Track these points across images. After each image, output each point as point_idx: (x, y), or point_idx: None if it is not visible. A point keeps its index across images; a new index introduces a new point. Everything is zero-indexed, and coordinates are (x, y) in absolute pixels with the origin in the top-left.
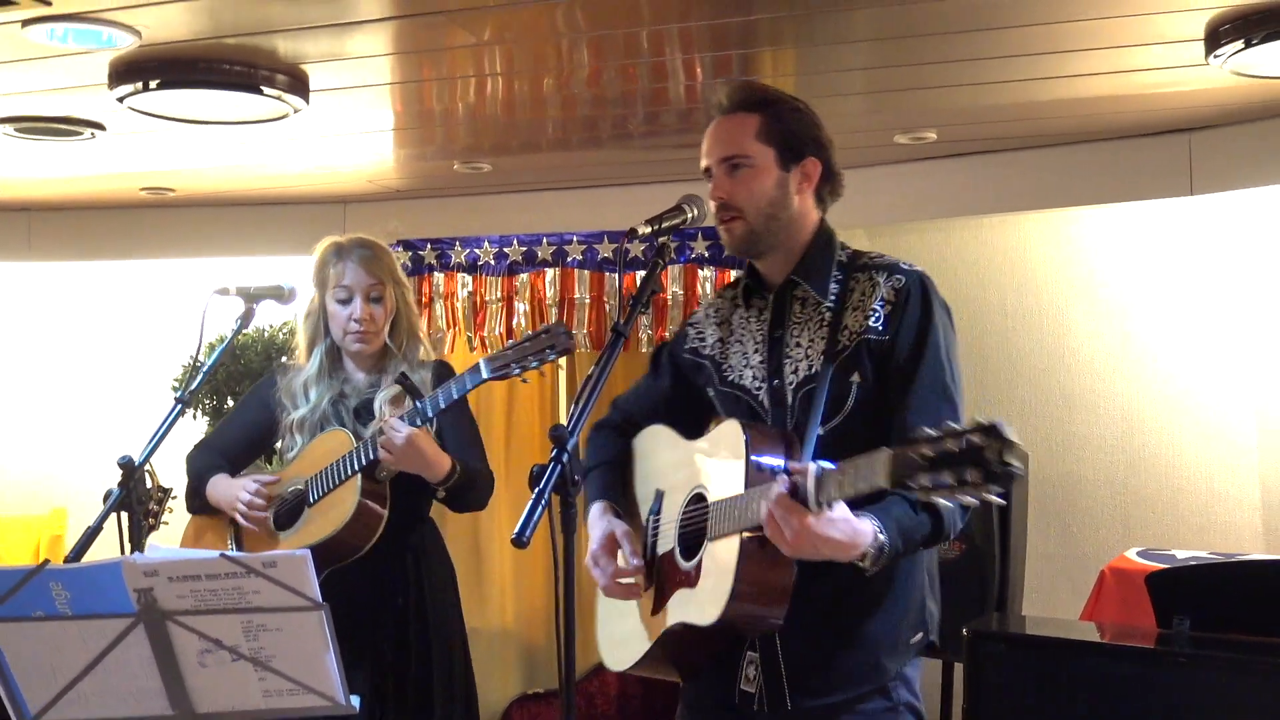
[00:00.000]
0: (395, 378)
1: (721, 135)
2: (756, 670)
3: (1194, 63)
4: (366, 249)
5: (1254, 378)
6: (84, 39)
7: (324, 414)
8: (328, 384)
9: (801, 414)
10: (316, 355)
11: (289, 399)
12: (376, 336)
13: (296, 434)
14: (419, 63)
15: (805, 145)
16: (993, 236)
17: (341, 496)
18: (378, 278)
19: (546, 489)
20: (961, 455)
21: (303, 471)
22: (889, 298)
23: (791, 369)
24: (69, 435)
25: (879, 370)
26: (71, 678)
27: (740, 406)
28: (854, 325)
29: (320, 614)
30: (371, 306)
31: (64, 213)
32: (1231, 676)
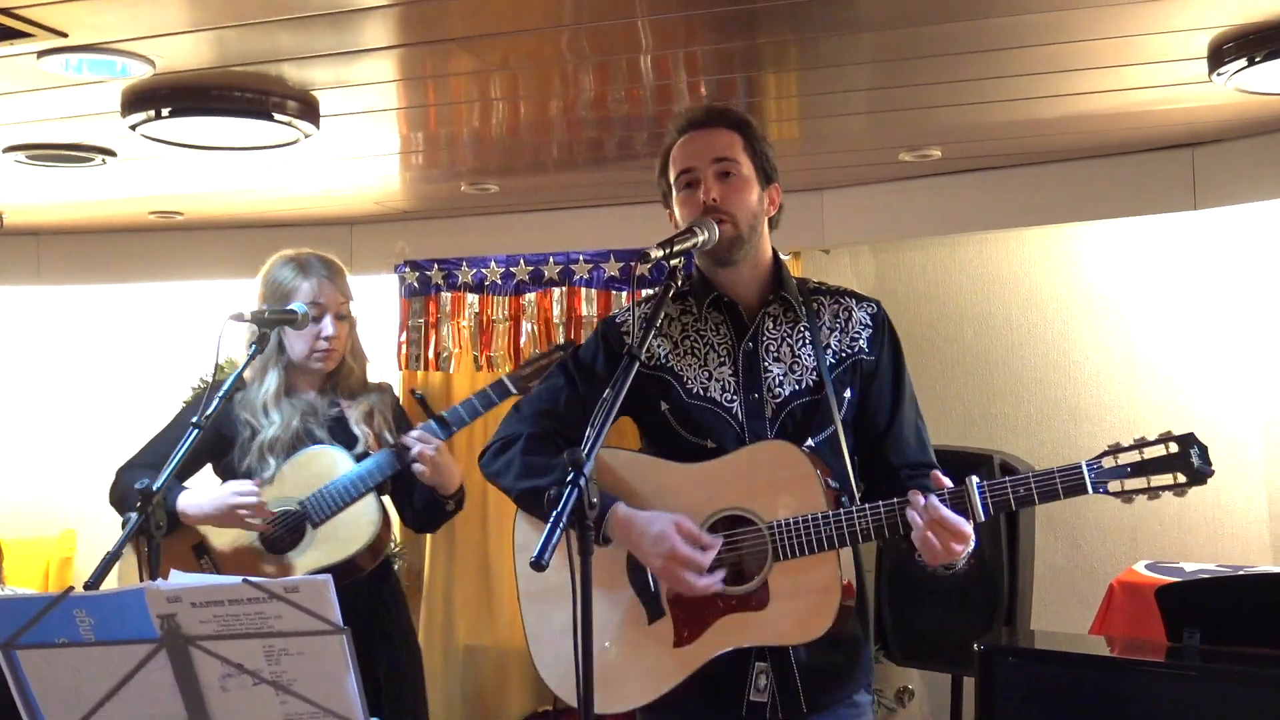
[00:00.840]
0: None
1: (708, 142)
2: (768, 679)
3: (1197, 80)
4: (329, 265)
5: (1260, 390)
6: (99, 69)
7: (297, 432)
8: (289, 403)
9: (792, 426)
10: (275, 373)
11: (250, 415)
12: (340, 355)
13: (269, 454)
14: (425, 88)
15: (771, 172)
16: (998, 252)
17: (358, 516)
18: (346, 295)
19: (564, 513)
20: (1163, 461)
21: (289, 492)
22: (868, 322)
23: (775, 383)
24: (78, 458)
25: (863, 389)
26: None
27: (712, 419)
28: (839, 345)
29: (342, 638)
30: (340, 324)
31: (73, 236)
32: (1242, 689)
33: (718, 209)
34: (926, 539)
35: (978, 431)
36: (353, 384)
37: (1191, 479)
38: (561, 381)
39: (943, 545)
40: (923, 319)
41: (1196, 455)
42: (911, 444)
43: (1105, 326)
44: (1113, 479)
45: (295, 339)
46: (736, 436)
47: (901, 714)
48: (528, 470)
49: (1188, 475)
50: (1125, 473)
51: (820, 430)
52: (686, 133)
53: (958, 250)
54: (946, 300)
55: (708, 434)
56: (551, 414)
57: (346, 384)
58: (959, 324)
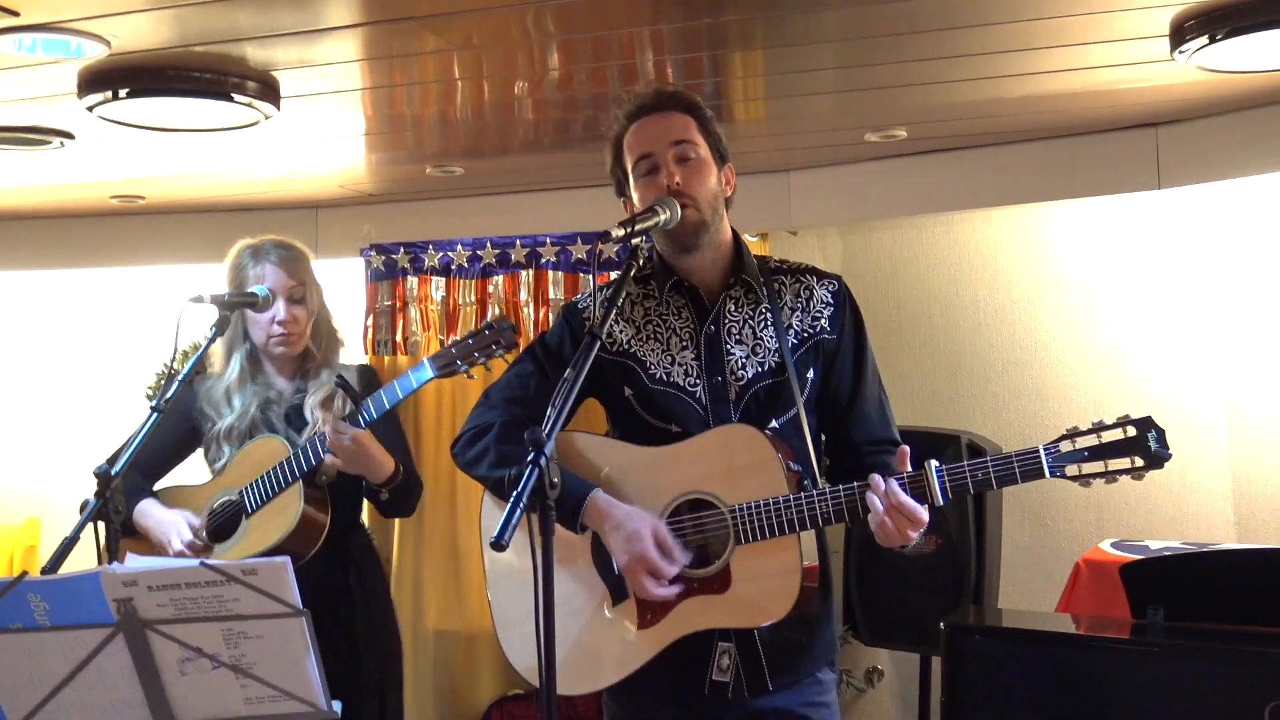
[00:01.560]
0: (334, 381)
1: (664, 125)
2: (731, 659)
3: (1159, 59)
4: (285, 249)
5: (1223, 369)
6: (53, 49)
7: (254, 421)
8: (251, 390)
9: (756, 409)
10: (236, 361)
11: (212, 408)
12: (300, 339)
13: (224, 443)
14: (389, 68)
15: (725, 151)
16: (964, 233)
17: (283, 505)
18: (299, 279)
19: (524, 493)
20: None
21: (234, 482)
22: (829, 300)
23: (738, 366)
24: (42, 445)
25: (825, 367)
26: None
27: (676, 404)
28: (801, 325)
29: (301, 620)
30: (294, 308)
31: (33, 222)
32: (1205, 665)
33: (681, 193)
34: (884, 523)
35: (944, 412)
36: (318, 368)
37: (1149, 463)
38: (530, 368)
39: (899, 529)
40: (890, 300)
41: (1154, 439)
42: (874, 420)
43: (1071, 307)
44: (1070, 463)
45: (254, 325)
46: (701, 420)
47: (870, 693)
48: (501, 459)
49: (1145, 459)
50: (1082, 456)
51: (783, 412)
52: (638, 118)
53: (925, 231)
54: (914, 281)
55: (672, 418)
56: (522, 400)
57: (313, 368)
58: (926, 305)
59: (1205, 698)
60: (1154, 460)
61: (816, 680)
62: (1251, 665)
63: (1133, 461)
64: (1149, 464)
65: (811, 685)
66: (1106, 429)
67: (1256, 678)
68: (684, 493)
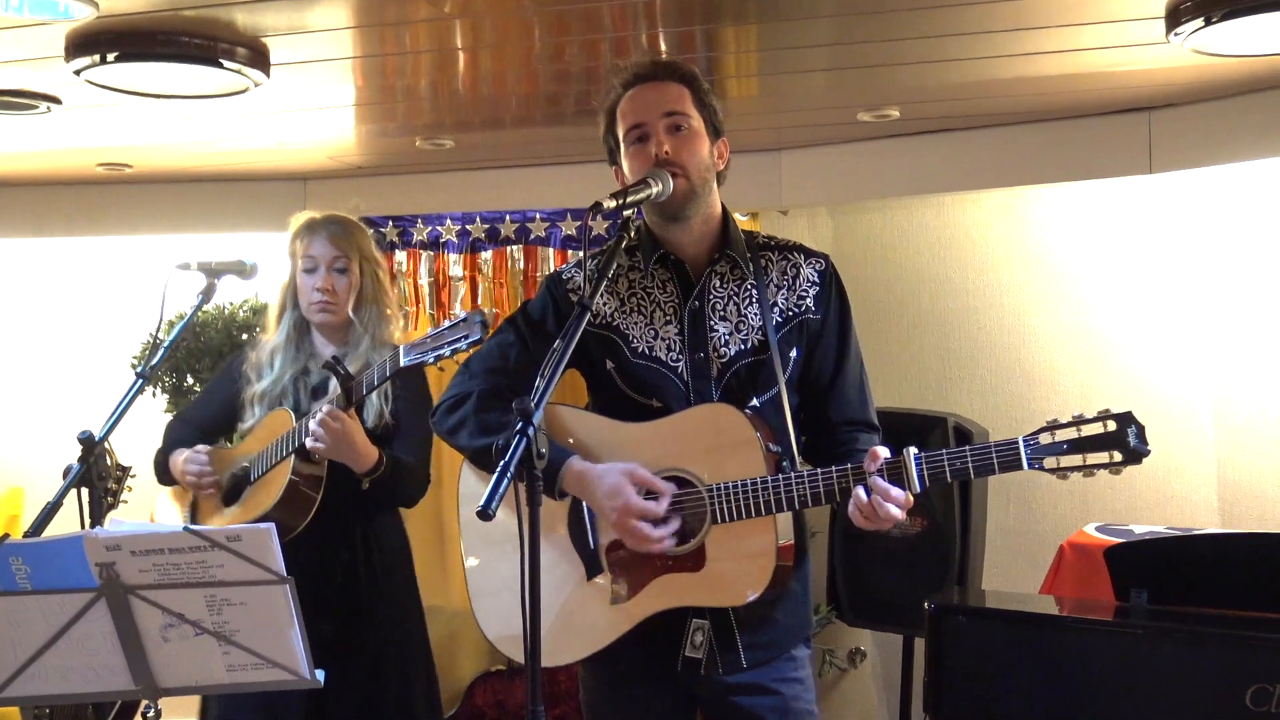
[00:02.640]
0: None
1: (658, 94)
2: (705, 636)
3: (1154, 41)
4: (337, 224)
5: (1210, 355)
6: (40, 9)
7: (284, 389)
8: (293, 356)
9: (737, 386)
10: (284, 326)
11: (253, 371)
12: (340, 309)
13: (256, 406)
14: (381, 36)
15: (720, 125)
16: (955, 214)
17: (275, 477)
18: (342, 250)
19: (512, 462)
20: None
21: (250, 449)
22: (815, 279)
23: (721, 342)
24: (26, 414)
25: (809, 346)
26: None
27: (658, 379)
28: (786, 304)
29: (285, 588)
30: (334, 277)
31: (18, 189)
32: (1188, 648)
33: (671, 162)
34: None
35: (933, 394)
36: (358, 342)
37: (1127, 458)
38: (511, 338)
39: (877, 513)
40: (880, 281)
41: (1134, 435)
42: (853, 401)
43: (1060, 290)
44: (1048, 455)
45: (301, 292)
46: (682, 396)
47: (853, 674)
48: (481, 428)
49: (1124, 454)
50: (1061, 449)
51: (765, 390)
52: (633, 87)
53: (915, 212)
54: (903, 262)
55: (653, 393)
56: (503, 370)
57: (355, 340)
58: (915, 286)
59: (1188, 680)
60: (1133, 456)
61: (790, 656)
62: (1233, 648)
63: (1111, 456)
64: (1127, 459)
65: (785, 661)
66: (1086, 422)
67: (1238, 661)
68: (663, 469)
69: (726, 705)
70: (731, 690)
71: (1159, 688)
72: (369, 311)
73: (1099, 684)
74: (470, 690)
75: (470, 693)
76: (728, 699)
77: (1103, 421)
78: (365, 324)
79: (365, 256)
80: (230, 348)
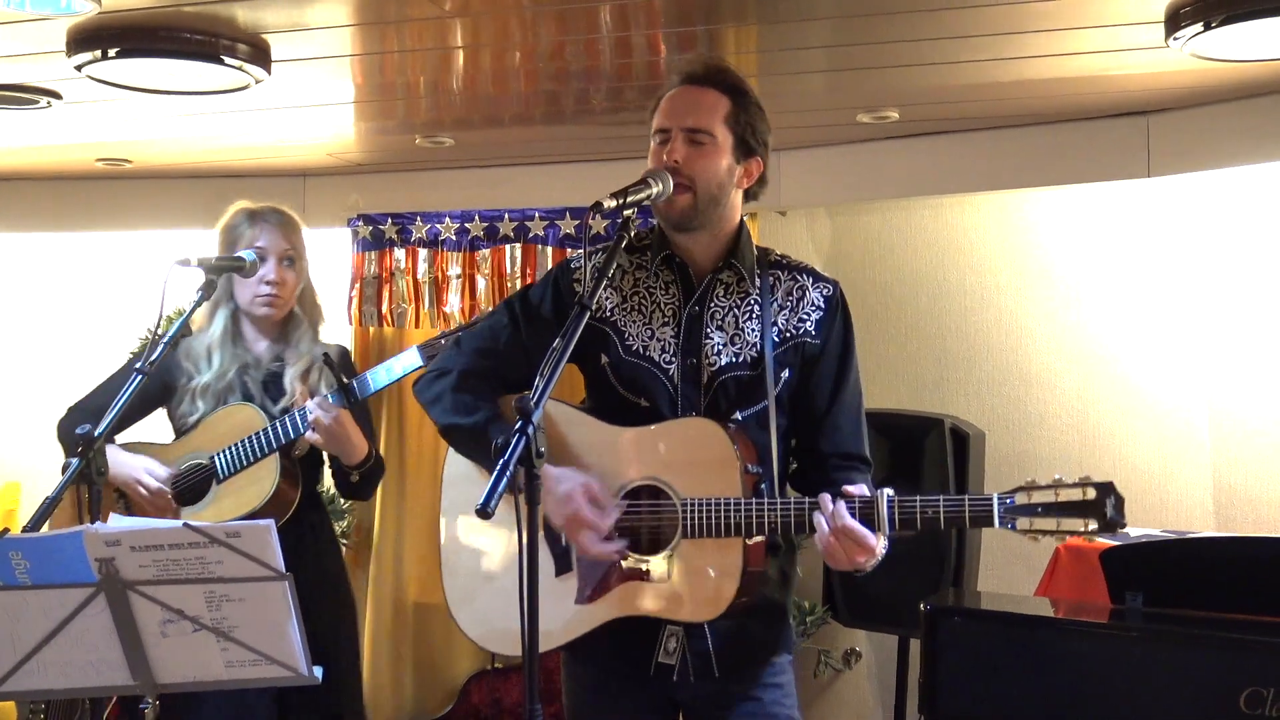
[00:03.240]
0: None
1: (692, 104)
2: (678, 643)
3: (1153, 45)
4: (281, 215)
5: (1206, 359)
6: (42, 4)
7: (230, 383)
8: (231, 351)
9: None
10: (220, 319)
11: (190, 362)
12: (286, 303)
13: (199, 399)
14: (381, 34)
15: (757, 145)
16: (953, 216)
17: (257, 475)
18: (292, 243)
19: (511, 460)
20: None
21: (203, 446)
22: (820, 304)
23: (713, 351)
24: (23, 409)
25: (805, 372)
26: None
27: (648, 378)
28: (786, 324)
29: (284, 584)
30: (284, 270)
31: (17, 183)
32: (1182, 651)
33: (679, 173)
34: (830, 544)
35: (930, 396)
36: (300, 338)
37: (1103, 528)
38: (505, 321)
39: (846, 554)
40: (877, 283)
41: (1112, 506)
42: (846, 434)
43: (1057, 293)
44: (1022, 516)
45: (241, 285)
46: (670, 399)
47: (847, 675)
48: (455, 407)
49: (1100, 524)
50: (1035, 512)
51: (750, 405)
52: (679, 86)
53: (913, 214)
54: (901, 264)
55: (642, 392)
56: (490, 352)
57: (295, 337)
58: (913, 288)
59: (1182, 682)
60: (1108, 527)
61: (768, 662)
62: (1228, 651)
63: (1086, 525)
64: (1102, 529)
65: (762, 666)
66: (1065, 487)
67: (1233, 663)
68: (643, 477)
69: (703, 711)
70: (708, 696)
71: (1153, 690)
72: (308, 308)
73: (1094, 686)
74: (466, 688)
75: (466, 691)
76: (704, 705)
77: (1082, 489)
78: (308, 317)
79: (305, 250)
80: None
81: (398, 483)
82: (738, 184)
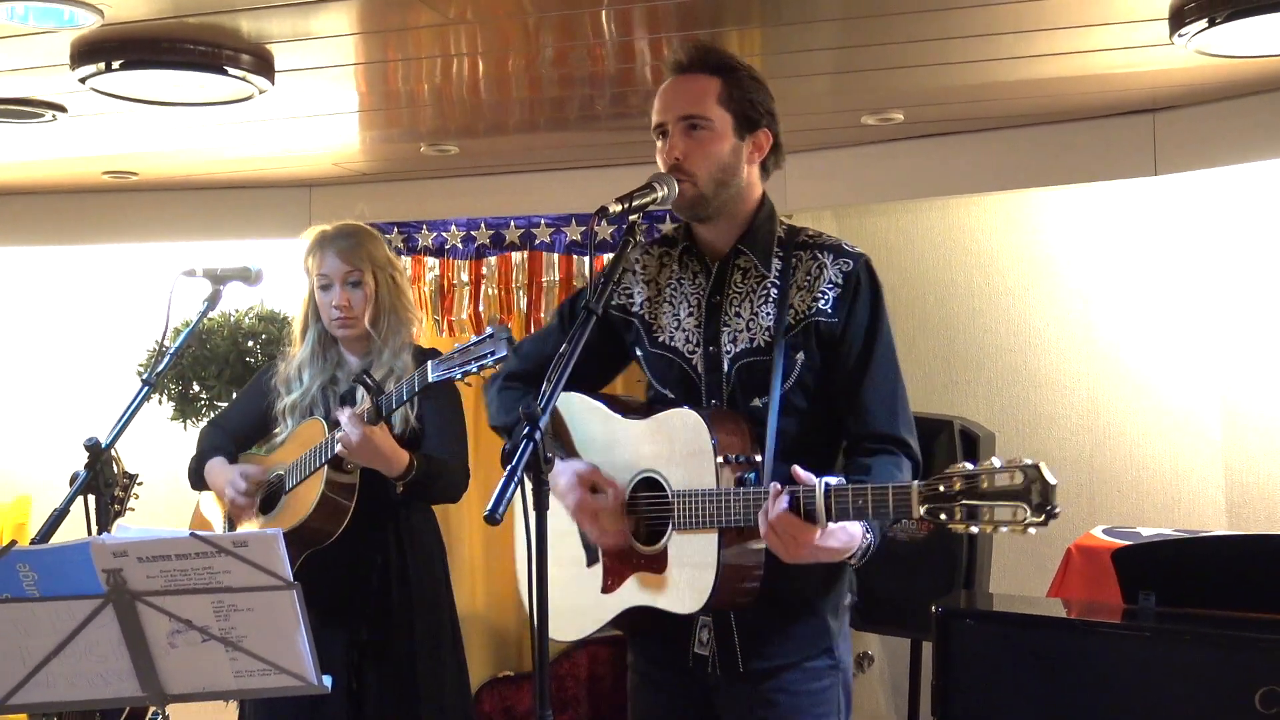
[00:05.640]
0: (356, 376)
1: (681, 93)
2: (710, 635)
3: (1158, 42)
4: (347, 237)
5: (1217, 357)
6: (45, 18)
7: (313, 399)
8: (320, 367)
9: (739, 385)
10: (309, 340)
11: (283, 384)
12: (357, 321)
13: (288, 418)
14: (384, 42)
15: (760, 116)
16: (959, 217)
17: (310, 486)
18: (353, 264)
19: (519, 467)
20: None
21: (284, 458)
22: (838, 280)
23: (730, 338)
24: (32, 422)
25: (826, 352)
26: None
27: (672, 370)
28: (801, 305)
29: (292, 593)
30: (349, 292)
31: (24, 197)
32: (1196, 650)
33: (679, 168)
34: (766, 535)
35: (939, 398)
36: (380, 350)
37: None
38: (555, 323)
39: (784, 545)
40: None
41: (1038, 491)
42: (877, 414)
43: (1066, 293)
44: (945, 503)
45: (322, 307)
46: (695, 388)
47: (861, 678)
48: (500, 408)
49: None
50: (957, 500)
51: (764, 392)
52: (669, 78)
53: (920, 216)
54: (908, 266)
55: (669, 383)
56: (539, 355)
57: (376, 349)
58: (921, 289)
59: (1196, 682)
60: (1039, 513)
61: (801, 668)
62: (1242, 650)
63: (1015, 513)
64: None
65: (795, 672)
66: (993, 473)
67: (1247, 663)
68: (643, 470)
69: (729, 706)
70: (734, 693)
71: (1167, 690)
72: (386, 320)
73: (1107, 687)
74: (478, 696)
75: (478, 698)
76: (730, 700)
77: (1010, 472)
78: (383, 334)
79: (378, 264)
80: (236, 354)
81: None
82: (748, 160)
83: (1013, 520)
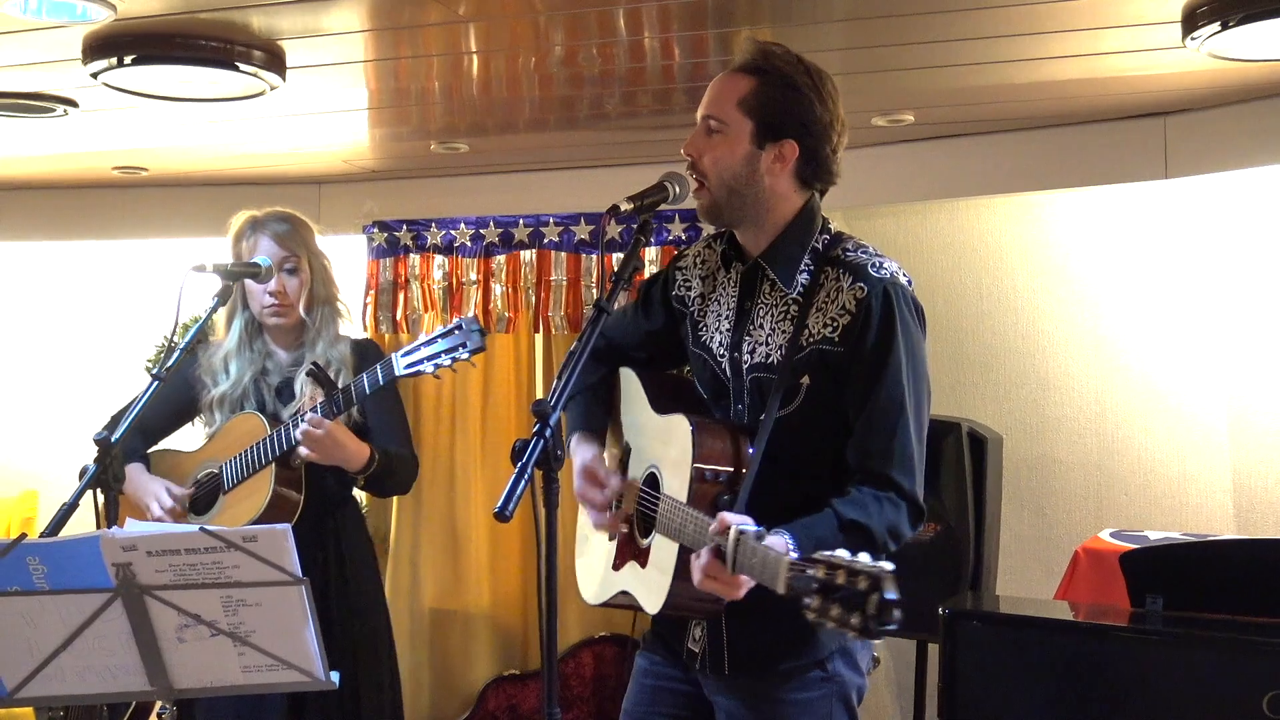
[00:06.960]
0: (307, 369)
1: (714, 91)
2: (703, 633)
3: (1170, 45)
4: (282, 222)
5: (1225, 361)
6: (57, 12)
7: (245, 391)
8: (249, 358)
9: (756, 395)
10: (235, 329)
11: (209, 375)
12: (292, 310)
13: (216, 411)
14: (395, 40)
15: (787, 125)
16: (969, 220)
17: (257, 485)
18: (290, 250)
19: (529, 464)
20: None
21: (217, 454)
22: (850, 308)
23: (750, 348)
24: (40, 417)
25: (835, 378)
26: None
27: (706, 370)
28: (815, 328)
29: (301, 589)
30: (284, 278)
31: (34, 192)
32: (1204, 654)
33: (695, 168)
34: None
35: (947, 400)
36: (314, 341)
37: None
38: (629, 306)
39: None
40: None
41: (875, 603)
42: (871, 450)
43: (1075, 295)
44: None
45: (251, 296)
46: (724, 392)
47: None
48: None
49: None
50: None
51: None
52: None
53: (929, 217)
54: (917, 268)
55: (704, 383)
56: (611, 336)
57: (310, 340)
58: (930, 291)
59: (1203, 686)
60: (866, 629)
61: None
62: (1250, 655)
63: (851, 620)
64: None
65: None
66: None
67: (1255, 667)
68: (649, 464)
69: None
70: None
71: (1174, 694)
72: (320, 310)
73: (1114, 690)
74: (483, 694)
75: (483, 697)
76: (720, 698)
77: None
78: (318, 323)
79: (312, 252)
80: None
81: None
82: (768, 171)
83: (841, 623)
